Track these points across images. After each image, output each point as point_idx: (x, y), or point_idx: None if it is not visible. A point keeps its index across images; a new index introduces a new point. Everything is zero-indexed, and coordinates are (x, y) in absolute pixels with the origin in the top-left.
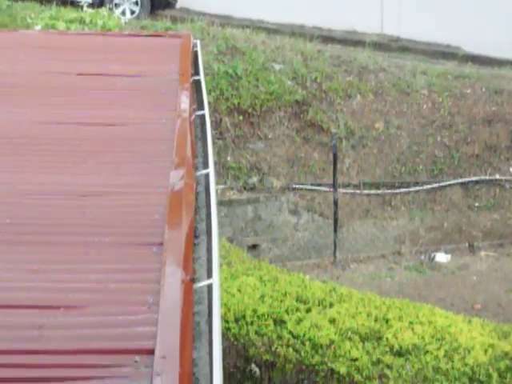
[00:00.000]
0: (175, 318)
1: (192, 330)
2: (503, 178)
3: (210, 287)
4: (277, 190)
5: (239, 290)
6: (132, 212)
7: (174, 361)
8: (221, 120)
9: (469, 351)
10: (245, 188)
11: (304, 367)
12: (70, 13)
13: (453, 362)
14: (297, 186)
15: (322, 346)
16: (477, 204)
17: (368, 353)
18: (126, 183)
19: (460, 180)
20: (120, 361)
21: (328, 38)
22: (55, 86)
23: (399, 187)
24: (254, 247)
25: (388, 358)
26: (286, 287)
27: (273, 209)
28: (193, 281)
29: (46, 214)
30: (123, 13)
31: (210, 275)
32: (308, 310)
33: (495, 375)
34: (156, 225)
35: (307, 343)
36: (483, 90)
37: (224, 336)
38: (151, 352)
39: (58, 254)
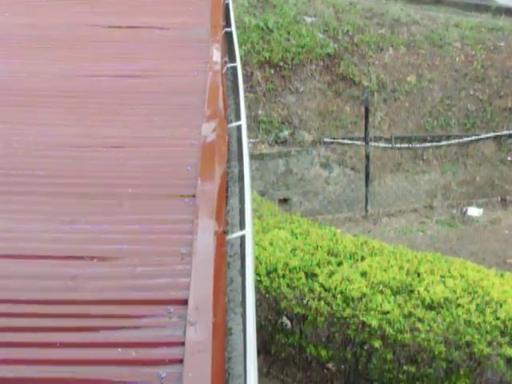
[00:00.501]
0: (208, 269)
1: (225, 282)
2: None
3: (242, 239)
4: (308, 143)
5: (271, 244)
6: (164, 164)
7: (207, 311)
8: (252, 73)
9: (501, 305)
10: (276, 142)
11: (335, 320)
12: None
13: (484, 315)
14: (328, 140)
15: (353, 299)
16: (509, 158)
17: (399, 306)
18: (158, 136)
19: (492, 134)
20: (153, 311)
21: None
22: (86, 39)
23: (431, 141)
24: (285, 201)
25: (419, 312)
26: (318, 240)
27: (304, 163)
28: (225, 232)
29: (79, 165)
30: None
31: (242, 227)
32: (339, 264)
33: None
34: (189, 176)
35: (338, 296)
36: None
37: (256, 289)
38: (185, 302)
39: (92, 205)
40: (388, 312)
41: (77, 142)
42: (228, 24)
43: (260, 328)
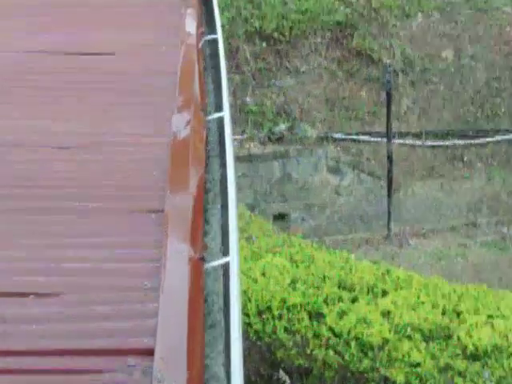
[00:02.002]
0: (180, 309)
1: (203, 324)
2: None
3: (226, 268)
4: (312, 141)
5: (263, 274)
6: (123, 169)
7: (179, 363)
8: (238, 48)
9: None
10: (270, 139)
11: (349, 374)
12: None
13: None
14: (338, 136)
15: (372, 347)
16: None
17: (433, 356)
18: (115, 131)
19: None
20: (108, 364)
21: None
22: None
23: (474, 137)
24: (281, 217)
25: (460, 363)
26: (325, 269)
27: (306, 166)
28: (203, 259)
29: (11, 171)
30: None
31: (225, 252)
32: (354, 300)
33: None
34: (155, 185)
35: (353, 343)
36: None
37: (244, 334)
38: (150, 352)
39: (27, 223)
40: (418, 364)
41: (8, 140)
42: None
43: None
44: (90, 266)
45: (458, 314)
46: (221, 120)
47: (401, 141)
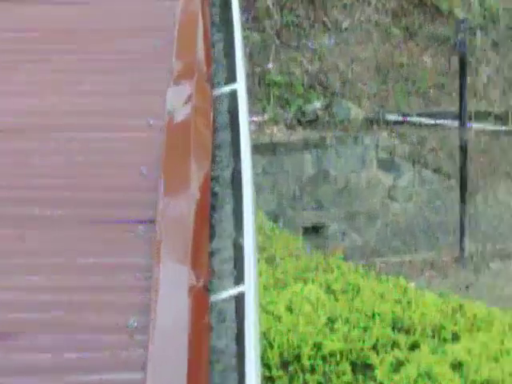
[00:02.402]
0: (177, 357)
1: (207, 380)
2: None
3: (238, 300)
4: (357, 124)
5: (290, 309)
6: (101, 163)
7: None
8: None
9: None
10: (299, 121)
11: None
12: None
13: None
14: (393, 118)
15: None
16: None
17: None
18: (92, 109)
19: None
20: None
21: None
22: None
23: None
24: (315, 230)
25: None
26: (375, 304)
27: (350, 159)
28: (208, 289)
29: None
30: None
31: (239, 279)
32: (413, 346)
33: None
34: (144, 186)
35: None
36: None
37: None
38: None
39: None
40: None
41: None
42: None
43: None
44: (55, 298)
45: None
46: (233, 95)
47: (479, 125)
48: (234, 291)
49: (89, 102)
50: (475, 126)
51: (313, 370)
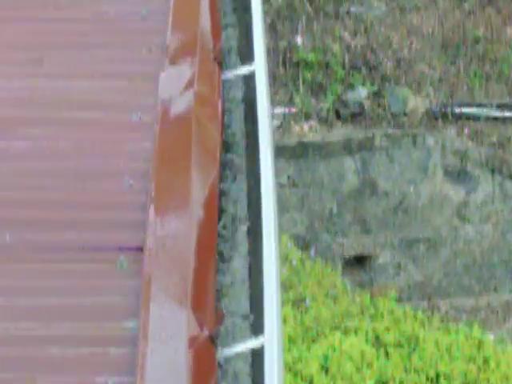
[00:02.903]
0: None
1: None
2: None
3: (256, 357)
4: (417, 118)
5: (325, 368)
6: (76, 171)
7: None
8: None
9: None
10: (338, 114)
11: None
12: None
13: None
14: (465, 111)
15: None
16: None
17: None
18: (60, 98)
19: None
20: None
21: None
22: None
23: None
24: (360, 262)
25: None
26: (440, 361)
27: (407, 166)
28: (214, 340)
29: None
30: None
31: (257, 328)
32: None
33: None
34: (127, 203)
35: None
36: None
37: None
38: None
39: None
40: None
41: None
42: None
43: None
44: (12, 354)
45: None
46: (250, 79)
47: None
48: (250, 344)
49: (55, 88)
50: None
51: None
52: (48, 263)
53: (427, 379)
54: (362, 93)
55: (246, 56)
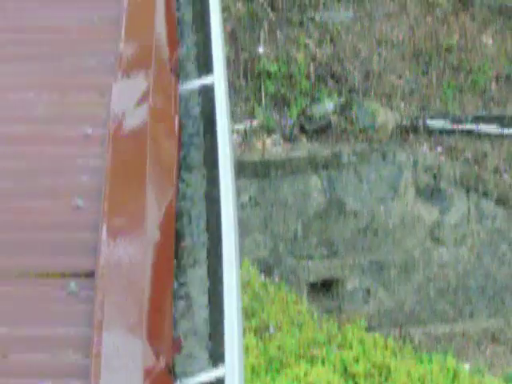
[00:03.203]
0: None
1: None
2: None
3: None
4: (386, 134)
5: None
6: (20, 191)
7: None
8: None
9: None
10: (304, 130)
11: None
12: None
13: None
14: (438, 124)
15: None
16: None
17: None
18: (6, 114)
19: None
20: None
21: None
22: None
23: None
24: (326, 286)
25: None
26: None
27: (376, 184)
28: (172, 371)
29: None
30: None
31: (217, 358)
32: None
33: None
34: (77, 224)
35: None
36: None
37: None
38: None
39: None
40: None
41: None
42: None
43: None
44: None
45: None
46: (208, 91)
47: None
48: (210, 375)
49: (10, 105)
50: None
51: None
52: None
53: None
54: (328, 106)
55: (205, 67)
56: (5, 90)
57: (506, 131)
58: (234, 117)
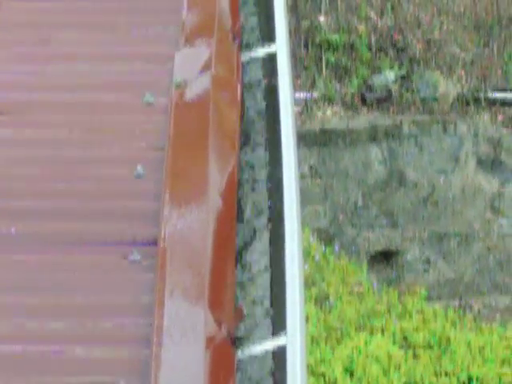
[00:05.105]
0: None
1: None
2: None
3: (277, 358)
4: (448, 104)
5: (349, 371)
6: (80, 159)
7: None
8: None
9: None
10: (364, 100)
11: None
12: None
13: None
14: (500, 96)
15: None
16: None
17: None
18: (67, 82)
19: None
20: None
21: None
22: None
23: None
24: (386, 257)
25: None
26: (472, 364)
27: (437, 155)
28: (234, 340)
29: None
30: None
31: (278, 327)
32: None
33: None
34: (138, 193)
35: None
36: None
37: None
38: None
39: None
40: None
41: None
42: None
43: None
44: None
45: None
46: (271, 60)
47: None
48: (271, 344)
49: (62, 71)
50: None
51: None
52: (54, 256)
53: (459, 383)
54: (389, 77)
55: (267, 36)
56: (70, 59)
57: None
58: (295, 86)
